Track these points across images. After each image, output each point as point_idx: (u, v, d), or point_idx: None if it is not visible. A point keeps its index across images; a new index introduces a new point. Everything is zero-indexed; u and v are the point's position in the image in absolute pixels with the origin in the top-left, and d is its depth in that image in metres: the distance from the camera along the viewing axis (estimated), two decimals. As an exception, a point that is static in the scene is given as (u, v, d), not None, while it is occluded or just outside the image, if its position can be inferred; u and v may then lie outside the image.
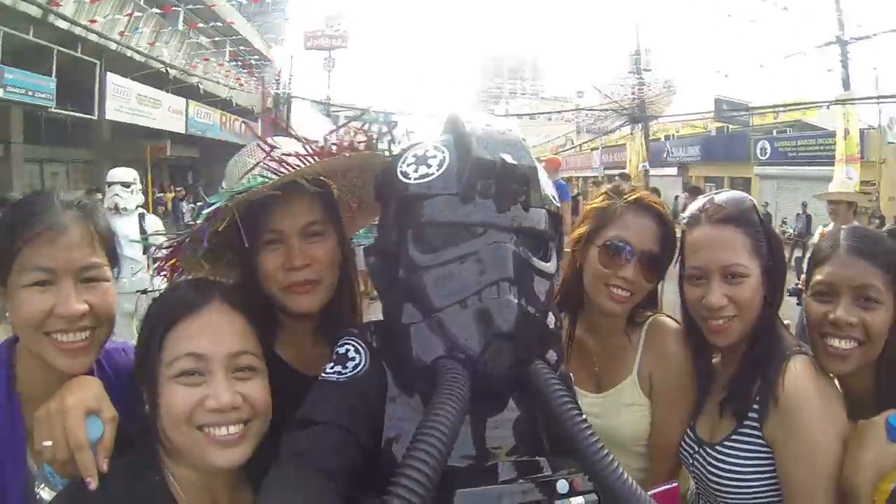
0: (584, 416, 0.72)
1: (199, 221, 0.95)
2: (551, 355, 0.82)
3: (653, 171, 23.21)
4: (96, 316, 0.91)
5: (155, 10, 14.49)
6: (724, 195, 1.19)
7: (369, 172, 0.98)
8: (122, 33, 12.92)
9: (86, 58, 11.94)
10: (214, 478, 0.85)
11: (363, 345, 0.85)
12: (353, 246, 1.20)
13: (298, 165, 0.93)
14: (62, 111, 12.50)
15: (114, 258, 0.97)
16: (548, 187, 0.86)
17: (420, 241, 0.79)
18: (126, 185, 4.80)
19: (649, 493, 0.81)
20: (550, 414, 0.73)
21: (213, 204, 0.92)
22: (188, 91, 16.80)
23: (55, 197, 0.94)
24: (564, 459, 0.76)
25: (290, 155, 0.93)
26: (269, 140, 1.01)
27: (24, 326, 0.89)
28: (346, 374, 0.82)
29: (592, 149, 31.41)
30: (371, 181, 0.96)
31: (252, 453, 0.83)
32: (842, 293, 1.05)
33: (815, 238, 4.56)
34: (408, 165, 0.83)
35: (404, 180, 0.82)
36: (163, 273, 1.05)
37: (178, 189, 17.21)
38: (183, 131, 16.77)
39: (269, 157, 0.93)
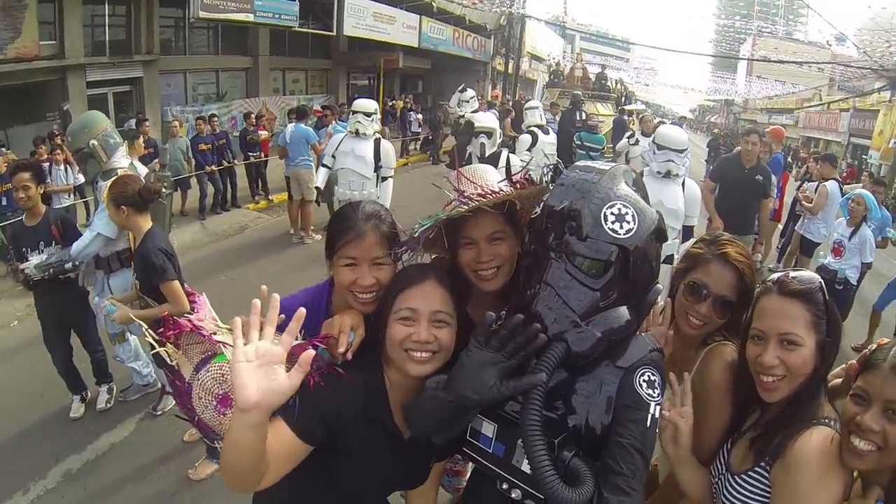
0: (538, 388, 1.06)
1: (416, 234, 1.35)
2: (574, 340, 1.10)
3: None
4: (380, 286, 1.37)
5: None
6: (799, 273, 1.29)
7: (539, 198, 1.33)
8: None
9: (325, -18, 12.61)
10: (409, 381, 1.27)
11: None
12: None
13: (481, 198, 1.33)
14: (304, 30, 13.77)
15: (394, 244, 1.41)
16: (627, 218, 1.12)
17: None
18: (367, 114, 5.54)
19: None
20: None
21: (425, 225, 1.33)
22: (422, 8, 16.80)
23: (360, 211, 1.41)
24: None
25: (474, 195, 1.34)
26: (462, 183, 1.43)
27: (340, 286, 1.42)
28: None
29: (842, 109, 23.96)
30: None
31: (433, 373, 1.22)
32: (873, 402, 1.11)
33: None
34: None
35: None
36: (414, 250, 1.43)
37: (407, 98, 18.06)
38: (416, 45, 17.14)
39: (462, 196, 1.35)
